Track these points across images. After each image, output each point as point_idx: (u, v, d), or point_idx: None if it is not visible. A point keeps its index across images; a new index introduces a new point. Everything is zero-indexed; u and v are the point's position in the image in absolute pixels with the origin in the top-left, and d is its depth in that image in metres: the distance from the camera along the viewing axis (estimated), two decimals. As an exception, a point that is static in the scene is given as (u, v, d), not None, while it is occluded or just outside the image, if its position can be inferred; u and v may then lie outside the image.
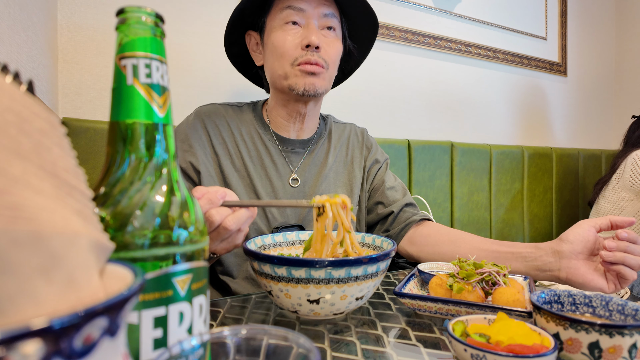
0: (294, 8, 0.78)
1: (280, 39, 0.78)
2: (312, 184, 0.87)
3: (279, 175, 0.84)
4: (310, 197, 0.85)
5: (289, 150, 0.87)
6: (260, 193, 0.82)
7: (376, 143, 1.01)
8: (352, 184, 0.91)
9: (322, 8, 0.79)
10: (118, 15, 0.29)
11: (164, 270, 0.27)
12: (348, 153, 0.94)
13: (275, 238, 0.64)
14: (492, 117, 1.88)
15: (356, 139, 0.97)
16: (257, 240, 0.61)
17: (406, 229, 0.87)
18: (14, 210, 0.16)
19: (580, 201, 1.98)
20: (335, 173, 0.90)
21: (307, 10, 0.78)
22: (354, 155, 0.94)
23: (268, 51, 0.82)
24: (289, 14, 0.78)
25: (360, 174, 0.93)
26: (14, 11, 0.62)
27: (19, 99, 0.18)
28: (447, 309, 0.52)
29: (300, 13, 0.78)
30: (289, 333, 0.23)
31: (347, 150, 0.94)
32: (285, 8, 0.78)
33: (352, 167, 0.93)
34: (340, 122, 1.00)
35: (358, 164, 0.94)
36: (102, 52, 1.06)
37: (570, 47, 2.18)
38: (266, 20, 0.82)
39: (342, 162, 0.92)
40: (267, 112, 0.89)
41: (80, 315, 0.14)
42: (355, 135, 0.97)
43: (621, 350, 0.36)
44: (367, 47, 0.93)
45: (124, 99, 0.28)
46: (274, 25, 0.80)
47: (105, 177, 0.28)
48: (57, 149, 0.19)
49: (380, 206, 0.92)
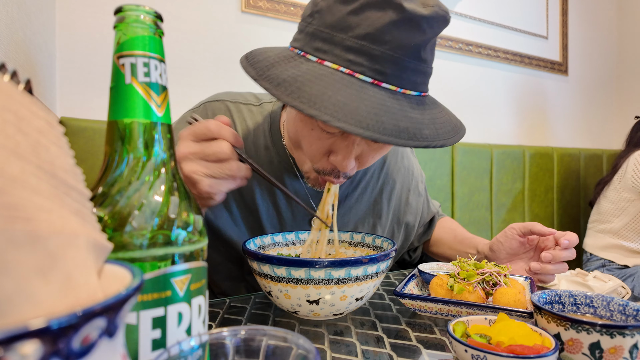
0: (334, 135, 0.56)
1: (306, 137, 0.58)
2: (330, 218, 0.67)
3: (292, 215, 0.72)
4: None
5: None
6: (263, 219, 0.70)
7: (416, 161, 0.88)
8: (376, 218, 0.78)
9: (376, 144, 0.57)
10: (116, 14, 0.29)
11: (162, 271, 0.27)
12: (380, 177, 0.79)
13: (274, 238, 0.64)
14: (492, 116, 1.88)
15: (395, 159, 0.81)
16: (256, 241, 0.60)
17: None
18: (11, 209, 0.16)
19: (582, 201, 1.98)
20: (359, 203, 0.77)
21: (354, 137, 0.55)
22: (384, 183, 0.79)
23: (291, 116, 0.63)
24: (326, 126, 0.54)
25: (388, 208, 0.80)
26: (12, 10, 0.61)
27: (16, 98, 0.18)
28: (448, 310, 0.52)
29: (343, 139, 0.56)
30: (288, 334, 0.23)
31: (381, 173, 0.79)
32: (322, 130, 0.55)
33: (380, 198, 0.79)
34: None
35: (389, 196, 0.79)
36: (100, 51, 1.06)
37: (572, 46, 2.18)
38: None
39: (370, 190, 0.78)
40: (284, 126, 0.70)
41: (79, 315, 0.14)
42: (394, 155, 0.80)
43: (622, 351, 0.36)
44: None
45: (122, 98, 0.28)
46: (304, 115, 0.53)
47: (104, 177, 0.28)
48: (55, 149, 0.19)
49: None
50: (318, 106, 0.46)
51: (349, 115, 0.45)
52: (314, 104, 0.46)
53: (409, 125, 0.49)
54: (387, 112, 0.47)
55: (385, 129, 0.46)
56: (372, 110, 0.47)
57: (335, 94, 0.47)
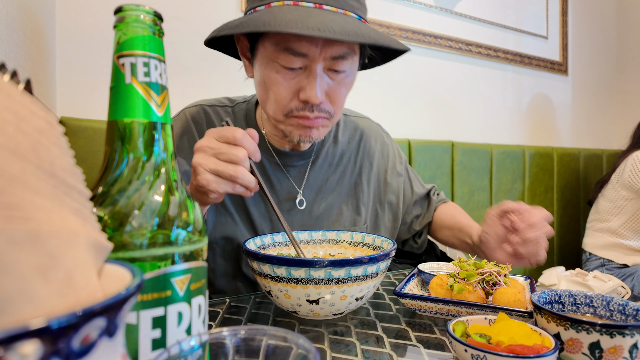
0: (294, 53, 0.60)
1: (273, 83, 0.63)
2: (311, 200, 0.77)
3: (278, 199, 0.75)
4: (309, 216, 0.77)
5: (286, 164, 0.76)
6: (254, 216, 0.73)
7: (394, 144, 0.91)
8: (357, 196, 0.82)
9: (331, 50, 0.60)
10: (116, 14, 0.29)
11: (162, 271, 0.27)
12: (357, 160, 0.83)
13: (274, 238, 0.64)
14: (492, 116, 1.88)
15: (370, 141, 0.85)
16: (256, 240, 0.60)
17: None
18: (11, 209, 0.16)
19: (582, 201, 1.98)
20: (339, 185, 0.81)
21: (311, 54, 0.60)
22: (363, 163, 0.84)
23: (257, 80, 0.67)
24: (287, 59, 0.60)
25: (367, 186, 0.83)
26: (12, 10, 0.61)
27: (16, 98, 0.18)
28: (448, 310, 0.52)
29: (301, 58, 0.60)
30: (288, 333, 0.23)
31: (357, 156, 0.83)
32: (283, 50, 0.60)
33: (360, 179, 0.83)
34: (352, 116, 0.88)
35: (368, 175, 0.84)
36: (100, 50, 1.06)
37: (572, 46, 2.18)
38: (258, 44, 0.64)
39: (348, 171, 0.82)
40: (261, 118, 0.77)
41: (79, 315, 0.14)
42: (368, 137, 0.86)
43: (622, 351, 0.36)
44: (392, 58, 0.76)
45: (122, 97, 0.28)
46: (267, 58, 0.62)
47: (104, 177, 0.28)
48: (55, 148, 0.19)
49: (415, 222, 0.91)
50: (272, 24, 0.54)
51: (299, 24, 0.54)
52: (268, 24, 0.55)
53: (356, 29, 0.56)
54: (333, 21, 0.56)
55: (333, 30, 0.54)
56: (319, 20, 0.55)
57: (284, 15, 0.55)
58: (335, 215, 0.79)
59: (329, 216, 0.79)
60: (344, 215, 0.80)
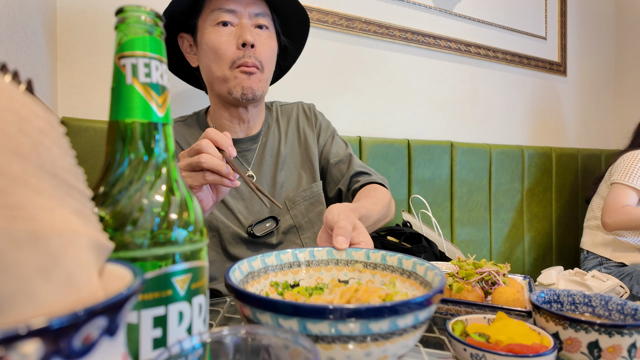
0: (224, 10, 0.78)
1: (215, 40, 0.79)
2: (271, 174, 0.89)
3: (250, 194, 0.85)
4: (273, 188, 0.88)
5: (242, 150, 0.87)
6: (226, 199, 0.83)
7: (323, 116, 1.02)
8: (311, 160, 0.93)
9: (252, 7, 0.80)
10: (117, 15, 0.29)
11: (163, 270, 0.27)
12: (300, 132, 0.96)
13: (265, 261, 0.47)
14: (491, 116, 1.88)
15: (304, 115, 0.98)
16: (242, 266, 0.43)
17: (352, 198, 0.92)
18: (13, 209, 0.16)
19: (580, 201, 1.98)
20: (292, 156, 0.92)
21: (238, 10, 0.79)
22: (306, 132, 0.96)
23: (203, 52, 0.82)
24: (219, 15, 0.78)
25: (316, 147, 0.95)
26: (13, 10, 0.61)
27: (18, 99, 0.18)
28: (447, 309, 0.52)
29: (232, 14, 0.79)
30: (289, 333, 0.23)
31: (299, 129, 0.96)
32: (215, 10, 0.79)
33: (307, 144, 0.95)
34: (287, 104, 1.00)
35: (312, 139, 0.96)
36: (102, 51, 1.06)
37: (570, 46, 2.18)
38: (198, 22, 0.83)
39: (296, 143, 0.94)
40: (211, 117, 0.90)
41: (80, 315, 0.14)
42: (302, 112, 0.99)
43: (620, 350, 0.36)
44: (301, 42, 0.95)
45: (123, 98, 0.28)
46: (206, 27, 0.80)
47: (105, 177, 0.28)
48: (56, 149, 0.19)
49: (332, 184, 0.95)
50: None
51: None
52: None
53: None
54: None
55: None
56: None
57: None
58: (295, 180, 0.91)
59: (291, 183, 0.90)
60: (303, 178, 0.91)
